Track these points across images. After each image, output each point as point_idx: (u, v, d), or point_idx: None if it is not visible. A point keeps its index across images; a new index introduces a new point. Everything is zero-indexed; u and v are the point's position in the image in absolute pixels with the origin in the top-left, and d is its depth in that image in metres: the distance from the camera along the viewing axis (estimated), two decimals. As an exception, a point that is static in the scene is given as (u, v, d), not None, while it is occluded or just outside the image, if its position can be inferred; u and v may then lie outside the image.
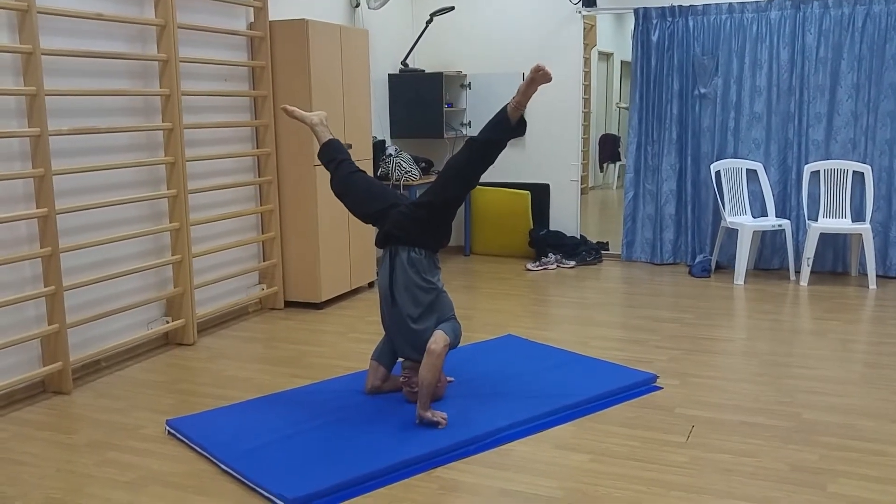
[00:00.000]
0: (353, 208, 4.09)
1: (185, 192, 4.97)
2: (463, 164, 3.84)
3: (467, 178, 3.88)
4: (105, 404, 4.08)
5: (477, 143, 3.82)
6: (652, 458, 3.36)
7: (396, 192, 4.24)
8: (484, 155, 3.83)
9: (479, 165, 3.85)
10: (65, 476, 3.28)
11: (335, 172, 4.14)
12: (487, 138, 3.82)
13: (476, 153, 3.83)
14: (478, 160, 3.84)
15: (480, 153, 3.83)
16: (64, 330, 4.23)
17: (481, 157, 3.83)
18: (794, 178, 6.84)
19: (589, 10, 7.42)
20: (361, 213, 4.07)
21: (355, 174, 4.11)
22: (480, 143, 3.82)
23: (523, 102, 3.79)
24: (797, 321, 5.49)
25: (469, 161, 3.83)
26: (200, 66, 5.23)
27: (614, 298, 6.19)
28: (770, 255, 7.02)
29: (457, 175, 3.86)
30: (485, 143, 3.82)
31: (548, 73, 3.73)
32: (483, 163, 3.85)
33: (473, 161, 3.84)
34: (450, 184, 3.87)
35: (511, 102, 3.78)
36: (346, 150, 4.23)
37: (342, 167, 4.13)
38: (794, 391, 4.12)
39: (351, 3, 6.99)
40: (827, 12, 6.55)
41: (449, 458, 3.37)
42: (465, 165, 3.84)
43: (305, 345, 5.06)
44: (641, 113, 7.26)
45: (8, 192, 4.02)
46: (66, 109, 4.31)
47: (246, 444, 3.46)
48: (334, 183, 4.14)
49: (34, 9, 3.96)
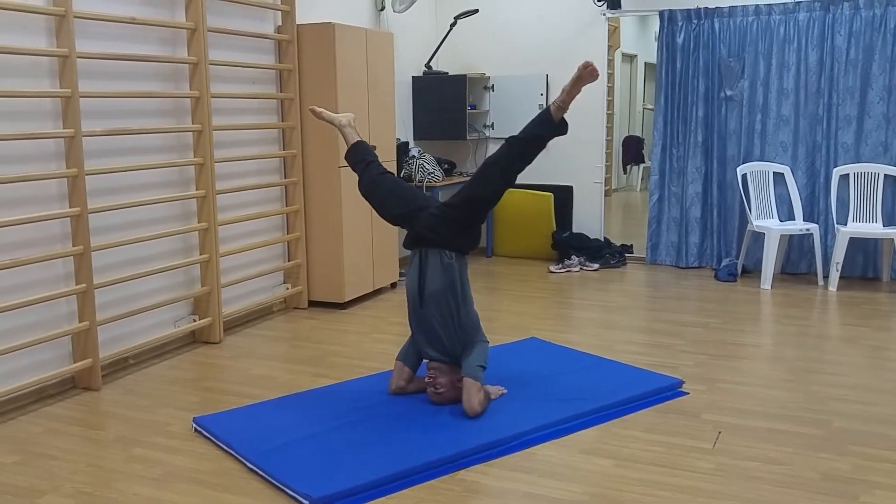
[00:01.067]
0: (381, 210, 4.11)
1: (213, 193, 5.01)
2: (503, 160, 3.85)
3: (506, 175, 3.87)
4: (133, 401, 4.13)
5: (518, 140, 3.83)
6: (677, 464, 3.35)
7: (425, 194, 4.25)
8: (524, 153, 3.85)
9: (518, 163, 3.86)
10: (94, 471, 3.32)
11: (363, 174, 4.16)
12: (529, 136, 3.83)
13: (515, 151, 3.84)
14: (517, 158, 3.85)
15: (520, 151, 3.84)
16: (94, 327, 4.28)
17: (520, 154, 3.84)
18: (823, 181, 6.78)
19: (613, 12, 7.40)
20: (389, 214, 4.08)
21: (383, 175, 4.13)
22: (521, 141, 3.83)
23: (567, 102, 3.81)
24: (826, 327, 5.44)
25: (509, 158, 3.84)
26: (229, 69, 5.28)
27: (639, 302, 6.17)
28: (797, 259, 6.96)
29: (496, 172, 3.86)
30: (526, 140, 3.83)
31: (595, 70, 3.74)
32: (522, 161, 3.86)
33: (512, 158, 3.85)
34: (489, 181, 3.87)
35: (555, 102, 3.79)
36: (373, 152, 4.26)
37: (370, 169, 4.15)
38: (823, 398, 4.08)
39: (376, 7, 7.02)
40: (858, 13, 6.49)
41: (473, 461, 3.38)
42: (506, 162, 3.85)
43: (329, 344, 5.08)
44: (666, 115, 7.22)
45: (42, 191, 4.08)
46: (99, 111, 4.37)
47: (271, 442, 3.49)
48: (362, 184, 4.16)
49: (71, 13, 4.03)
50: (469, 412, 3.73)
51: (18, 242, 3.98)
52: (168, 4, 4.80)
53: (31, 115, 4.01)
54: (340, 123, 4.34)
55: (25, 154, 3.99)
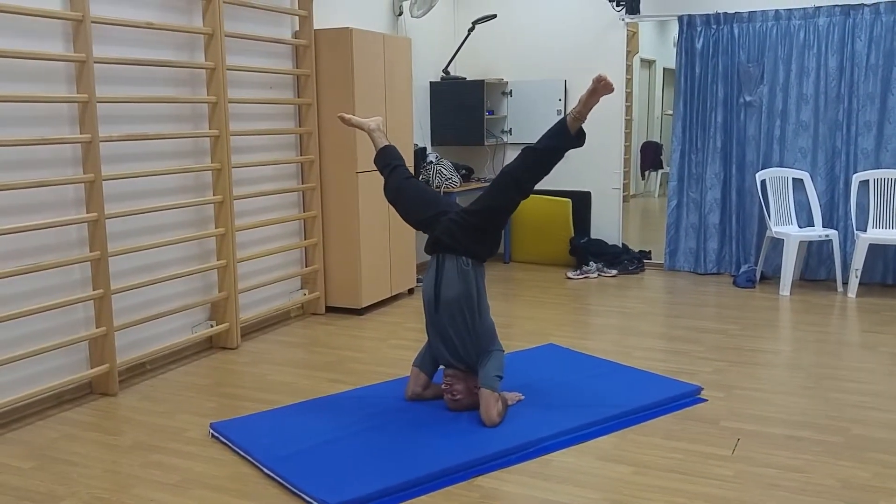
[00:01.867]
0: (405, 214, 4.10)
1: (230, 199, 5.02)
2: (519, 171, 3.84)
3: (522, 186, 3.85)
4: (150, 407, 4.13)
5: (534, 151, 3.82)
6: (696, 472, 3.31)
7: (448, 200, 4.25)
8: (541, 163, 3.83)
9: (536, 173, 3.84)
10: (111, 476, 3.33)
11: (388, 178, 4.16)
12: (545, 146, 3.82)
13: (532, 161, 3.83)
14: (534, 167, 3.83)
15: (537, 161, 3.83)
16: (111, 332, 4.30)
17: (538, 164, 3.83)
18: (842, 187, 6.72)
19: (632, 18, 7.38)
20: (412, 219, 4.08)
21: (408, 180, 4.13)
22: (538, 152, 3.82)
23: (584, 113, 3.78)
24: (845, 334, 5.39)
25: (525, 168, 3.83)
26: (246, 74, 5.30)
27: (657, 308, 6.13)
28: (816, 265, 6.90)
29: (512, 182, 3.85)
30: (542, 151, 3.82)
31: (610, 84, 3.71)
32: (539, 171, 3.84)
33: (529, 168, 3.83)
34: (505, 191, 3.86)
35: (571, 113, 3.77)
36: (401, 157, 4.25)
37: (396, 173, 4.15)
38: (843, 405, 4.03)
39: (394, 12, 7.03)
40: (878, 18, 6.43)
41: (490, 467, 3.36)
42: (522, 172, 3.83)
43: (346, 350, 5.08)
44: (685, 121, 7.19)
45: (60, 196, 4.10)
46: (116, 116, 4.39)
47: (288, 448, 3.49)
48: (387, 190, 4.16)
49: (88, 18, 4.05)
50: (487, 423, 3.71)
51: (36, 248, 4.00)
52: (185, 9, 4.82)
53: (48, 120, 4.03)
54: (369, 128, 4.34)
55: (42, 159, 4.01)
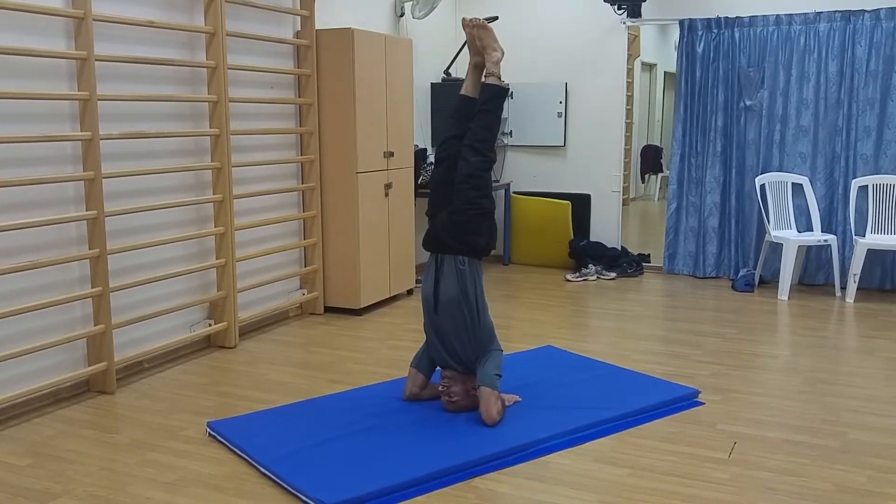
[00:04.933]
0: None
1: (230, 198, 5.02)
2: (469, 139, 3.91)
3: (474, 146, 3.88)
4: (147, 405, 4.13)
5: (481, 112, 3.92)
6: (693, 475, 3.32)
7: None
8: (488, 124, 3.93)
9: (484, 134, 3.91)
10: (107, 475, 3.33)
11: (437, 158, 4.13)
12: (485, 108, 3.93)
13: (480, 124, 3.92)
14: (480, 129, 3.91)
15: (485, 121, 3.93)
16: (109, 331, 4.30)
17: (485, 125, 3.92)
18: (841, 192, 6.73)
19: (633, 21, 7.38)
20: (429, 214, 4.07)
21: (436, 168, 4.07)
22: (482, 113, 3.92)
23: (490, 67, 3.94)
24: (843, 338, 5.39)
25: (474, 134, 3.90)
26: (247, 74, 5.30)
27: (655, 311, 6.14)
28: (815, 270, 6.90)
29: (467, 149, 3.89)
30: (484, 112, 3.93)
31: (467, 21, 3.99)
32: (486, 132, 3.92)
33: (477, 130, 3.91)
34: (467, 159, 3.88)
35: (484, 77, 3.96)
36: (463, 123, 4.02)
37: (438, 151, 4.11)
38: (839, 410, 4.04)
39: (396, 13, 7.03)
40: (878, 24, 6.44)
41: (487, 469, 3.36)
42: (472, 139, 3.91)
43: (344, 350, 5.08)
44: (685, 124, 7.19)
45: (59, 194, 4.10)
46: (116, 114, 4.39)
47: (285, 447, 3.49)
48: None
49: (90, 16, 4.05)
50: (487, 421, 3.71)
51: (35, 245, 4.00)
52: (187, 8, 4.83)
53: (48, 118, 4.03)
54: (492, 58, 3.95)
55: (42, 156, 4.01)
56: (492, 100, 3.92)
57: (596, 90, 7.60)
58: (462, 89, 4.07)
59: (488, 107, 3.91)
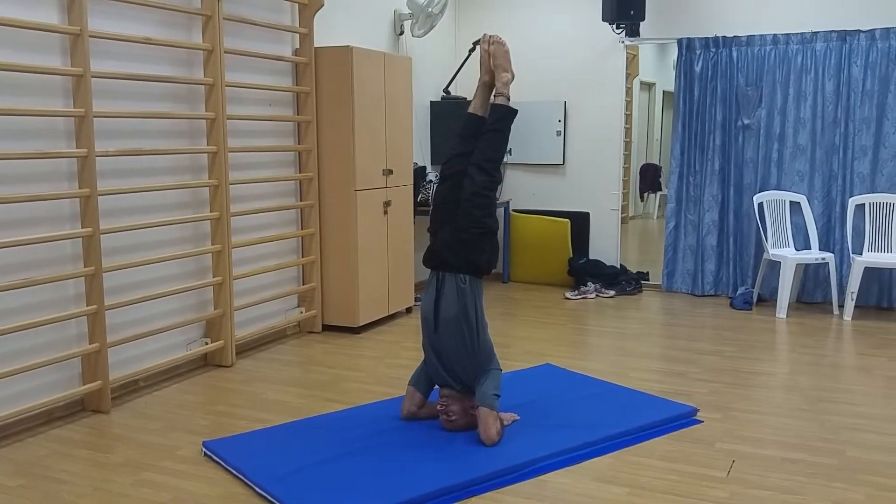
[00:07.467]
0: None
1: (227, 215, 5.02)
2: (477, 158, 3.91)
3: (481, 165, 3.90)
4: (142, 424, 4.10)
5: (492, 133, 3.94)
6: (691, 493, 3.29)
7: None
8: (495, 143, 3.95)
9: (491, 153, 3.93)
10: (101, 495, 3.30)
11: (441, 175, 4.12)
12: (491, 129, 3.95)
13: (488, 143, 3.94)
14: (488, 149, 3.93)
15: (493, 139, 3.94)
16: (104, 349, 4.27)
17: (493, 144, 3.94)
18: (839, 210, 6.73)
19: (632, 40, 7.41)
20: (430, 230, 4.05)
21: (441, 185, 4.04)
22: (492, 133, 3.95)
23: (499, 88, 3.99)
24: (841, 356, 5.37)
25: (482, 153, 3.91)
26: (246, 91, 5.31)
27: (654, 329, 6.12)
28: (813, 288, 6.90)
29: (473, 170, 3.89)
30: (494, 132, 3.96)
31: (487, 39, 4.08)
32: (494, 151, 3.94)
33: (485, 149, 3.92)
34: (471, 179, 3.88)
35: (493, 98, 3.99)
36: (469, 142, 4.01)
37: (444, 168, 4.08)
38: (838, 428, 4.02)
39: (395, 31, 7.06)
40: (874, 44, 6.47)
41: (485, 488, 3.34)
42: (479, 159, 3.91)
43: (342, 369, 5.06)
44: (684, 143, 7.21)
45: (55, 211, 4.09)
46: (112, 131, 4.39)
47: (281, 468, 3.46)
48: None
49: (86, 32, 4.06)
50: (487, 441, 3.69)
51: (29, 262, 3.99)
52: (185, 25, 4.84)
53: (44, 134, 4.03)
54: (501, 78, 4.01)
55: (38, 173, 4.01)
56: (501, 120, 3.94)
57: (595, 109, 7.63)
58: (470, 108, 4.07)
59: (497, 126, 3.93)
